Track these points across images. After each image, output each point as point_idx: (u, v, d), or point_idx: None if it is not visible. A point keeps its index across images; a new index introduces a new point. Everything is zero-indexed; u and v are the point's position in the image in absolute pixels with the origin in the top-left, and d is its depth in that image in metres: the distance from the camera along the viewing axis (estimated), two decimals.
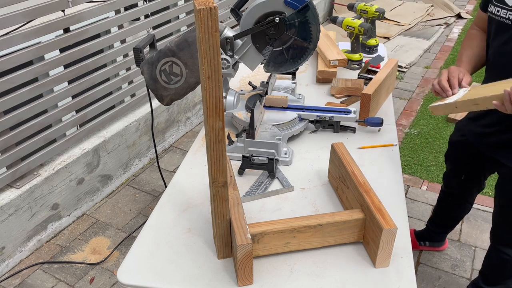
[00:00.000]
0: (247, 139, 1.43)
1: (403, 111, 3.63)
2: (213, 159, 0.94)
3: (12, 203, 2.16)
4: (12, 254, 2.24)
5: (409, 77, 4.21)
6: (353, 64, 2.12)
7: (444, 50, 4.79)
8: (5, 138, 2.09)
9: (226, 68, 1.47)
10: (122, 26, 2.61)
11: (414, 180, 2.83)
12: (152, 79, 1.48)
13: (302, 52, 1.46)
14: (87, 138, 2.60)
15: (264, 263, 1.09)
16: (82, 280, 2.18)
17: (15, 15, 1.97)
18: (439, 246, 2.30)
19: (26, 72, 2.09)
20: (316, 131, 1.63)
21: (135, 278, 1.06)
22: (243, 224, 1.01)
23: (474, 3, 6.36)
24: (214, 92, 0.86)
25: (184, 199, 1.31)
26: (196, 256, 1.11)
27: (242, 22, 1.43)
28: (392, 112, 1.76)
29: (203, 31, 0.79)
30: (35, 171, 2.32)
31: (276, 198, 1.32)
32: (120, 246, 2.37)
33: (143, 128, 2.90)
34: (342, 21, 2.16)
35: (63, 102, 2.36)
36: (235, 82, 1.99)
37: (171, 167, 2.99)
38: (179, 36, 1.44)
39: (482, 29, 1.57)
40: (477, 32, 1.58)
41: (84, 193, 2.58)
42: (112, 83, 2.59)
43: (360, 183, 1.14)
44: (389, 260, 1.07)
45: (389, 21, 5.36)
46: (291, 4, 1.36)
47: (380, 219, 1.02)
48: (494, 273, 1.82)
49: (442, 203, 2.11)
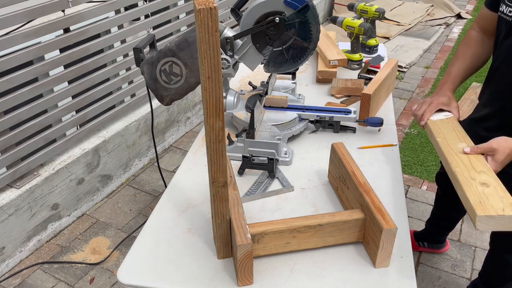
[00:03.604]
0: (247, 139, 1.43)
1: (403, 111, 3.63)
2: (213, 159, 0.94)
3: (12, 203, 2.16)
4: (12, 254, 2.24)
5: (409, 77, 4.21)
6: (353, 64, 2.12)
7: (444, 50, 4.79)
8: (5, 138, 2.09)
9: (226, 68, 1.47)
10: (122, 26, 2.61)
11: (414, 180, 2.83)
12: (152, 79, 1.48)
13: (302, 52, 1.46)
14: (87, 138, 2.60)
15: (264, 263, 1.09)
16: (82, 280, 2.18)
17: (15, 15, 1.97)
18: (439, 248, 2.28)
19: (26, 72, 2.09)
20: (316, 131, 1.63)
21: (135, 278, 1.06)
22: (243, 224, 1.01)
23: (474, 3, 6.36)
24: (214, 92, 0.86)
25: (184, 199, 1.31)
26: (196, 256, 1.11)
27: (242, 22, 1.43)
28: (392, 112, 1.76)
29: (203, 31, 0.79)
30: (35, 171, 2.32)
31: (276, 198, 1.32)
32: (120, 246, 2.37)
33: (143, 128, 2.90)
34: (342, 21, 2.16)
35: (63, 102, 2.36)
36: (235, 82, 1.99)
37: (171, 167, 2.99)
38: (179, 36, 1.44)
39: (483, 30, 1.50)
40: (476, 36, 1.52)
41: (84, 193, 2.58)
42: (112, 83, 2.59)
43: (360, 183, 1.14)
44: (389, 260, 1.07)
45: (389, 21, 5.36)
46: (291, 4, 1.36)
47: (380, 219, 1.02)
48: (494, 277, 1.82)
49: (438, 204, 2.09)
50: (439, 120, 1.34)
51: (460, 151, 1.13)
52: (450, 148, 1.16)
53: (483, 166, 1.05)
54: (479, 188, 0.96)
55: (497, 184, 0.96)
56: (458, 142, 1.18)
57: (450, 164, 1.07)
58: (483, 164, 1.06)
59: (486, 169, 1.04)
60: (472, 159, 1.09)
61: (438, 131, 1.27)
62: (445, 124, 1.31)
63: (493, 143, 1.14)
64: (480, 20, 1.52)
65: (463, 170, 1.04)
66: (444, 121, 1.33)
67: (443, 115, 1.38)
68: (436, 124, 1.33)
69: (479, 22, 1.53)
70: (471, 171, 1.03)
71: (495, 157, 1.13)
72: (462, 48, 1.54)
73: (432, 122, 1.34)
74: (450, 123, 1.32)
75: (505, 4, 1.31)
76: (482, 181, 0.98)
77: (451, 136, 1.23)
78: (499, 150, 1.12)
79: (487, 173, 1.01)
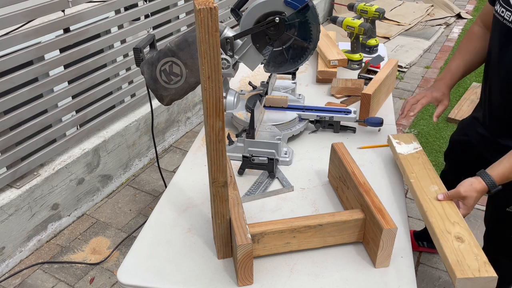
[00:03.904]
0: (247, 139, 1.43)
1: None
2: (213, 159, 0.94)
3: (12, 203, 2.16)
4: (12, 254, 2.24)
5: (409, 77, 4.21)
6: (353, 64, 2.12)
7: (444, 50, 4.79)
8: (5, 138, 2.09)
9: (226, 68, 1.47)
10: (122, 26, 2.61)
11: None
12: (152, 79, 1.48)
13: (302, 52, 1.46)
14: (87, 138, 2.60)
15: (264, 263, 1.09)
16: (82, 280, 2.18)
17: (15, 15, 1.97)
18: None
19: (26, 72, 2.09)
20: (316, 131, 1.62)
21: (135, 278, 1.06)
22: (243, 224, 1.01)
23: (474, 3, 6.36)
24: (214, 92, 0.86)
25: (184, 199, 1.31)
26: (196, 256, 1.11)
27: (242, 22, 1.43)
28: (392, 112, 1.76)
29: (203, 31, 0.79)
30: (35, 171, 2.32)
31: (276, 198, 1.32)
32: (120, 246, 2.37)
33: (143, 128, 2.90)
34: (342, 21, 2.16)
35: (63, 102, 2.36)
36: (235, 82, 1.99)
37: (171, 167, 2.99)
38: (179, 36, 1.44)
39: (486, 25, 1.51)
40: (478, 31, 1.54)
41: (84, 193, 2.58)
42: (112, 83, 2.59)
43: (360, 183, 1.14)
44: (389, 260, 1.07)
45: (389, 21, 5.36)
46: (291, 4, 1.36)
47: (380, 219, 1.02)
48: None
49: None
50: (409, 155, 1.37)
51: (434, 197, 1.20)
52: (424, 192, 1.22)
53: (456, 216, 1.13)
54: (455, 244, 1.04)
55: (471, 239, 1.05)
56: (430, 184, 1.24)
57: (426, 213, 1.15)
58: (456, 213, 1.14)
59: (459, 219, 1.12)
60: (445, 207, 1.17)
61: (410, 169, 1.31)
62: (415, 160, 1.35)
63: (461, 190, 1.20)
64: (483, 15, 1.54)
65: (439, 221, 1.11)
66: (415, 156, 1.37)
67: (413, 148, 1.41)
68: (408, 160, 1.36)
69: (482, 17, 1.55)
70: (445, 221, 1.11)
71: (465, 202, 1.20)
72: (464, 42, 1.56)
73: (403, 157, 1.37)
74: (420, 158, 1.36)
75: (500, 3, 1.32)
76: (457, 234, 1.06)
77: (423, 176, 1.28)
78: (468, 196, 1.19)
79: (460, 224, 1.10)
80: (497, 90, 1.41)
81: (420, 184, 1.25)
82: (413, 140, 1.45)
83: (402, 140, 1.45)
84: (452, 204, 1.18)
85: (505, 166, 1.23)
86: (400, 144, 1.43)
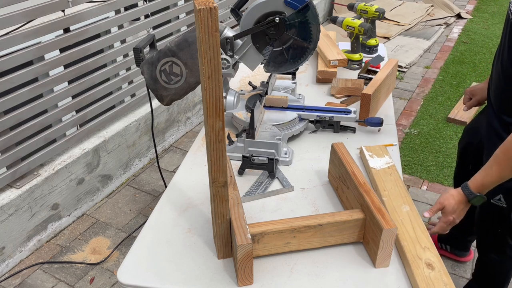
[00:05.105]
0: (247, 139, 1.43)
1: (403, 111, 3.63)
2: (213, 159, 0.94)
3: (12, 203, 2.16)
4: (12, 254, 2.24)
5: (409, 77, 4.21)
6: (353, 64, 2.12)
7: (444, 50, 4.79)
8: (5, 138, 2.09)
9: (226, 68, 1.47)
10: (122, 26, 2.61)
11: (414, 180, 2.83)
12: (152, 79, 1.48)
13: (302, 52, 1.46)
14: (87, 138, 2.60)
15: (264, 263, 1.09)
16: (82, 280, 2.18)
17: (15, 15, 1.97)
18: (461, 256, 2.20)
19: (26, 72, 2.09)
20: (316, 131, 1.62)
21: (135, 278, 1.06)
22: (243, 224, 1.01)
23: (474, 3, 6.36)
24: (214, 92, 0.86)
25: (184, 199, 1.31)
26: (196, 256, 1.11)
27: (242, 22, 1.43)
28: (392, 112, 1.76)
29: (203, 31, 0.79)
30: (35, 171, 2.32)
31: (276, 198, 1.32)
32: (120, 246, 2.37)
33: (143, 128, 2.90)
34: (342, 21, 2.16)
35: (63, 102, 2.36)
36: (235, 82, 1.99)
37: (171, 167, 2.99)
38: (179, 36, 1.44)
39: None
40: None
41: (84, 193, 2.58)
42: (112, 83, 2.59)
43: (360, 183, 1.14)
44: (389, 260, 1.07)
45: (389, 21, 5.36)
46: (291, 4, 1.36)
47: (380, 219, 1.02)
48: (483, 277, 1.81)
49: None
50: (381, 170, 1.36)
51: (404, 218, 1.19)
52: (396, 213, 1.21)
53: (427, 240, 1.13)
54: (426, 271, 1.04)
55: (441, 267, 1.06)
56: (402, 204, 1.23)
57: (398, 236, 1.14)
58: (426, 237, 1.14)
59: (429, 245, 1.12)
60: (416, 229, 1.16)
61: (383, 186, 1.30)
62: (388, 176, 1.34)
63: (440, 199, 1.29)
64: None
65: (410, 245, 1.11)
66: (387, 171, 1.36)
67: (385, 163, 1.40)
68: (380, 176, 1.34)
69: None
70: (416, 245, 1.11)
71: (444, 210, 1.28)
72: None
73: (376, 172, 1.36)
74: (393, 174, 1.35)
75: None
76: (427, 261, 1.07)
77: (395, 194, 1.27)
78: (446, 204, 1.27)
79: (430, 250, 1.10)
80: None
81: (392, 204, 1.23)
82: (385, 154, 1.43)
83: (375, 153, 1.43)
84: (422, 227, 1.16)
85: (481, 174, 1.25)
86: (373, 157, 1.42)
